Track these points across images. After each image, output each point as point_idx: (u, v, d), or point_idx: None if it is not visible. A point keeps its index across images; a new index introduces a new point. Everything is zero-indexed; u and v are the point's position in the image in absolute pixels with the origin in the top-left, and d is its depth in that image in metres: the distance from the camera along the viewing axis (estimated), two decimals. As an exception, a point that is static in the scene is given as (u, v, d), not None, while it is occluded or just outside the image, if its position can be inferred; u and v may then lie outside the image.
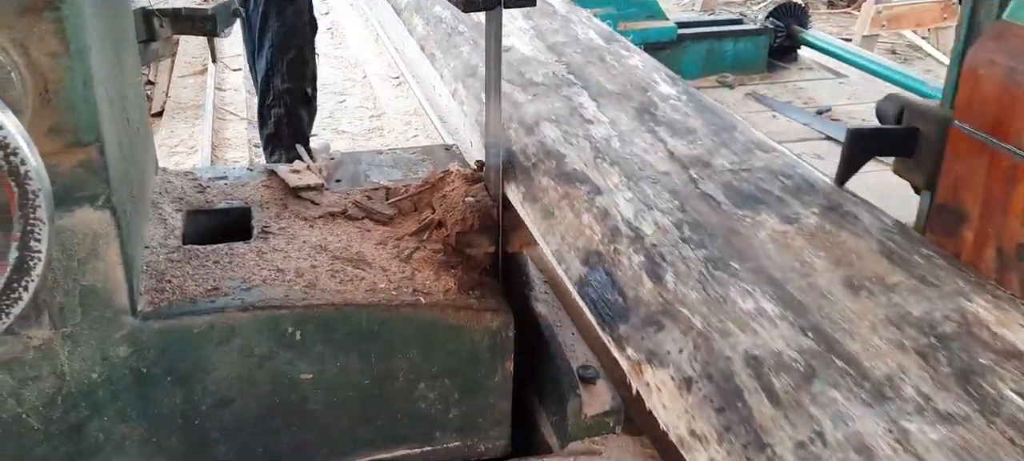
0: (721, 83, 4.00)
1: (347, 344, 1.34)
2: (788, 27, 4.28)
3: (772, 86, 4.00)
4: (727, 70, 4.11)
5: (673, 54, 3.65)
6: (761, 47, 4.22)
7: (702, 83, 3.88)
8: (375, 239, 1.53)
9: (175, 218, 1.51)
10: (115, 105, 1.21)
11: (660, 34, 3.72)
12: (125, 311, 1.21)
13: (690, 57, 3.88)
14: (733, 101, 3.88)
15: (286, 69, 3.15)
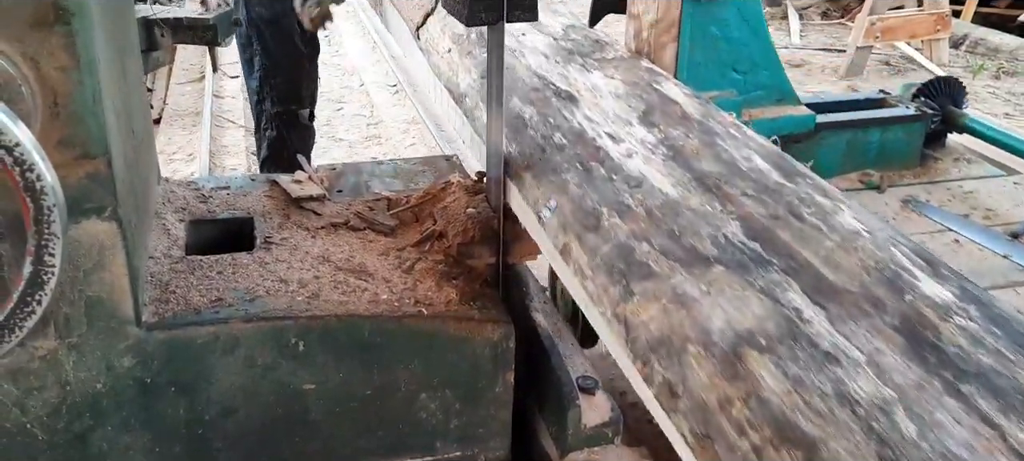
0: (865, 182, 3.21)
1: (349, 355, 1.35)
2: (943, 109, 3.42)
3: (930, 187, 3.18)
4: (871, 165, 3.27)
5: (807, 147, 2.91)
6: (914, 136, 3.35)
7: (842, 182, 3.14)
8: (377, 250, 1.54)
9: (178, 228, 1.52)
10: (121, 117, 1.22)
11: (794, 124, 2.82)
12: (130, 321, 1.22)
13: (828, 150, 3.07)
14: (888, 211, 3.14)
15: (275, 93, 3.13)
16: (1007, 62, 5.94)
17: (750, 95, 2.42)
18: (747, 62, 2.24)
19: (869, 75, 5.68)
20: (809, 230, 1.16)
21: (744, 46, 2.15)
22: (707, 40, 2.07)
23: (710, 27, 2.03)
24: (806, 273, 1.06)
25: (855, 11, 6.23)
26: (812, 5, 7.45)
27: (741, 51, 2.18)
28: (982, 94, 5.42)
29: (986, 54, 6.09)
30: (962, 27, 6.30)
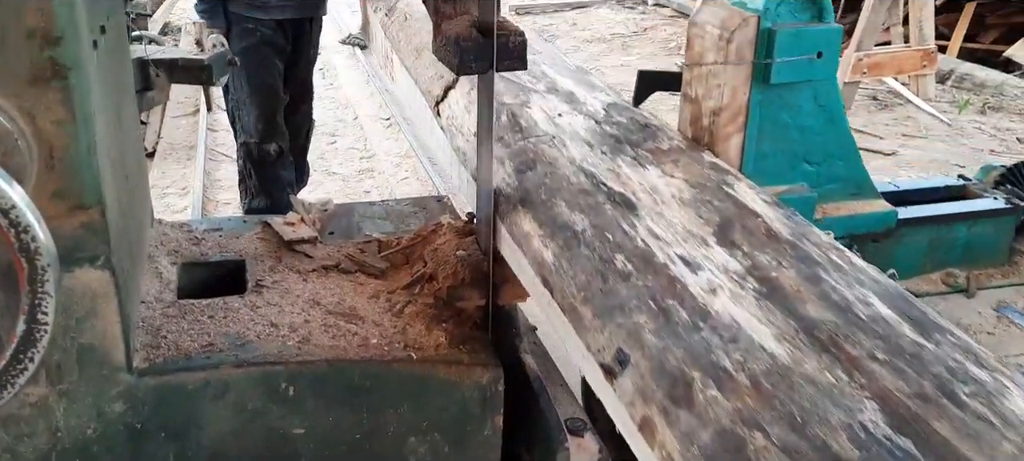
0: (950, 285, 2.88)
1: (339, 399, 1.36)
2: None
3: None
4: (956, 263, 2.93)
5: (886, 246, 2.54)
6: (1003, 231, 2.95)
7: (923, 283, 2.83)
8: (368, 293, 1.56)
9: (170, 271, 1.54)
10: (116, 165, 1.24)
11: (874, 222, 2.40)
12: (121, 368, 1.23)
13: (909, 248, 2.68)
14: (983, 321, 2.79)
15: (240, 123, 3.32)
16: (992, 97, 6.02)
17: (823, 189, 2.06)
18: (821, 152, 1.93)
19: (857, 110, 5.75)
20: (973, 421, 0.86)
21: (818, 135, 1.86)
22: (777, 129, 1.79)
23: (781, 114, 1.77)
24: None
25: (843, 47, 6.30)
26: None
27: (814, 140, 1.89)
28: (969, 129, 5.49)
29: (972, 89, 6.17)
30: (948, 63, 6.39)
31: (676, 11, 8.77)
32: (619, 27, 8.37)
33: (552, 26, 8.50)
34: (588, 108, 1.80)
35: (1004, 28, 6.78)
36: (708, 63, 1.59)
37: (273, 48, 3.26)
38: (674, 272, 1.17)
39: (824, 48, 1.72)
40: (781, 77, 1.71)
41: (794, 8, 1.84)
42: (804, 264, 1.19)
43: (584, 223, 1.32)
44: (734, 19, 1.60)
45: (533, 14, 8.95)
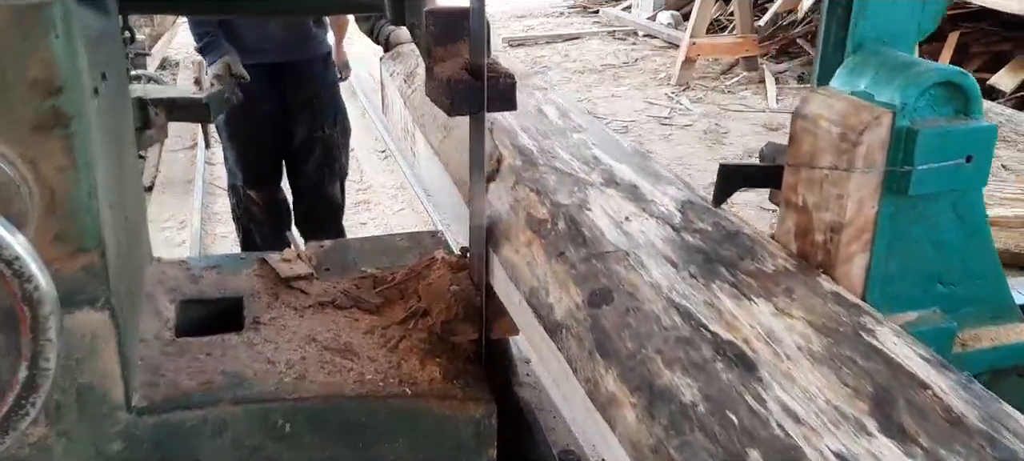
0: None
1: (335, 435, 1.38)
2: None
3: None
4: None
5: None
6: None
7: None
8: (363, 328, 1.58)
9: (169, 309, 1.56)
10: (116, 208, 1.27)
11: None
12: (120, 407, 1.25)
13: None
14: None
15: (228, 162, 3.42)
16: (980, 124, 6.09)
17: (959, 313, 1.61)
18: (959, 271, 1.56)
19: (847, 138, 5.81)
20: None
21: (957, 250, 1.51)
22: (909, 245, 1.44)
23: (914, 228, 1.42)
24: None
25: (832, 75, 6.39)
26: (788, 70, 7.64)
27: (952, 257, 1.53)
28: (957, 156, 5.55)
29: (960, 116, 6.25)
30: (935, 90, 6.47)
31: (666, 42, 8.88)
32: (610, 58, 8.47)
33: (545, 57, 8.59)
34: (660, 208, 1.43)
35: (987, 56, 6.89)
36: (825, 168, 1.28)
37: (255, 95, 3.19)
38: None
39: (975, 150, 1.34)
40: (922, 187, 1.34)
41: (936, 100, 1.40)
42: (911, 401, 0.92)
43: (692, 392, 0.98)
44: (862, 116, 1.25)
45: (526, 46, 9.06)
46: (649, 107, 6.79)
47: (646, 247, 1.32)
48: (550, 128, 1.77)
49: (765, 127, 6.17)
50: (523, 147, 1.65)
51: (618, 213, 1.40)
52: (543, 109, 1.91)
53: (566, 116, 1.88)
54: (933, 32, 1.61)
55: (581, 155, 1.62)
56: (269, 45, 3.28)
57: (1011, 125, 5.97)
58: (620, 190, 1.48)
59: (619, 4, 10.85)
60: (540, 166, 1.56)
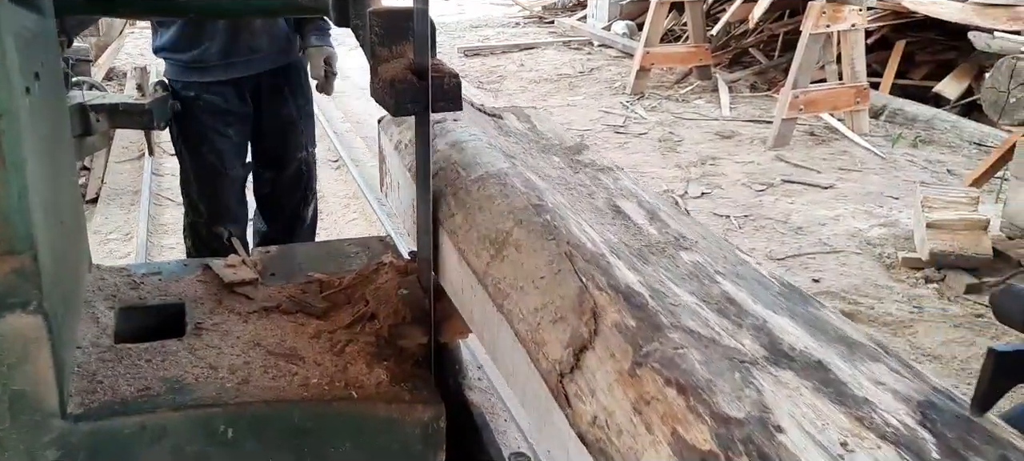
0: None
1: (280, 440, 1.36)
2: None
3: None
4: None
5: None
6: None
7: None
8: (309, 333, 1.56)
9: (108, 316, 1.52)
10: (49, 211, 1.23)
11: None
12: (55, 414, 1.21)
13: None
14: None
15: (183, 195, 3.03)
16: (924, 131, 6.26)
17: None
18: None
19: (795, 145, 5.93)
20: None
21: None
22: None
23: None
24: None
25: (780, 84, 6.52)
26: (741, 78, 7.77)
27: None
28: (901, 162, 5.69)
29: (904, 123, 6.41)
30: (881, 98, 6.64)
31: (621, 51, 8.97)
32: (566, 68, 8.53)
33: (500, 67, 8.62)
34: (885, 415, 0.81)
35: (933, 65, 7.08)
36: None
37: (220, 117, 2.84)
38: None
39: None
40: None
41: None
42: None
43: None
44: None
45: (482, 56, 9.08)
46: (604, 116, 6.85)
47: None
48: (646, 243, 1.16)
49: (718, 135, 6.26)
50: (627, 288, 1.00)
51: (823, 431, 0.78)
52: (621, 207, 1.31)
53: (656, 217, 1.27)
54: (881, 41, 1.71)
55: (710, 296, 1.02)
56: (244, 54, 2.81)
57: (956, 131, 6.14)
58: (802, 372, 0.87)
59: (574, 14, 10.93)
60: (664, 327, 0.92)
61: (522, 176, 1.36)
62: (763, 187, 5.21)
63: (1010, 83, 3.62)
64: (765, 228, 4.62)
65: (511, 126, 1.78)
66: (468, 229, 1.30)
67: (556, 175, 1.43)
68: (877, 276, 4.07)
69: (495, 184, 1.35)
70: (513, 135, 1.70)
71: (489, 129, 1.67)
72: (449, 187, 1.45)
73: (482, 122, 1.74)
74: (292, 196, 3.10)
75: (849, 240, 4.46)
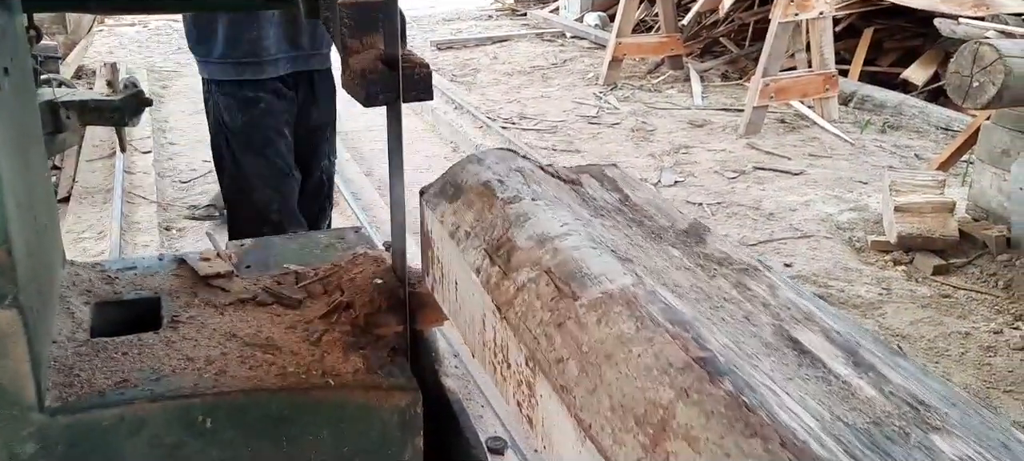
0: None
1: (258, 429, 1.37)
2: None
3: None
4: None
5: None
6: None
7: None
8: (285, 323, 1.58)
9: (83, 311, 1.53)
10: (23, 206, 1.24)
11: None
12: (32, 408, 1.22)
13: None
14: None
15: (240, 213, 2.79)
16: (892, 117, 6.35)
17: None
18: None
19: (766, 132, 6.00)
20: None
21: None
22: None
23: None
24: None
25: (751, 73, 6.59)
26: (712, 68, 7.84)
27: None
28: (870, 148, 5.78)
29: (872, 110, 6.51)
30: (849, 85, 6.73)
31: (594, 43, 9.00)
32: (539, 60, 8.55)
33: (473, 60, 8.62)
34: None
35: (900, 51, 7.18)
36: None
37: (280, 117, 2.72)
38: None
39: None
40: None
41: None
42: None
43: None
44: None
45: (455, 49, 9.07)
46: (578, 107, 6.88)
47: None
48: (871, 415, 0.79)
49: (690, 124, 6.32)
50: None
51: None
52: (802, 342, 0.92)
53: (859, 359, 0.90)
54: (849, 29, 1.68)
55: None
56: (293, 50, 2.67)
57: (923, 116, 6.24)
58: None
59: (547, 6, 10.95)
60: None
61: (658, 298, 0.93)
62: (735, 174, 5.27)
63: (973, 67, 3.69)
64: (737, 215, 4.68)
65: (598, 198, 1.32)
66: (592, 390, 0.87)
67: (688, 284, 1.02)
68: (847, 259, 4.14)
69: (624, 315, 0.91)
70: (606, 213, 1.26)
71: (576, 207, 1.25)
72: (549, 313, 0.99)
73: (559, 193, 1.30)
74: (311, 206, 2.97)
75: (819, 225, 4.53)
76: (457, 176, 1.40)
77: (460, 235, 1.26)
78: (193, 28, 2.65)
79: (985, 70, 3.65)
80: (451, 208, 1.32)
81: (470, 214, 1.26)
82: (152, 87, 6.74)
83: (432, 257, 1.44)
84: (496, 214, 1.22)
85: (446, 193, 1.37)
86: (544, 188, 1.30)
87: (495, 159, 1.41)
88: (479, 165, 1.39)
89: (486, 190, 1.29)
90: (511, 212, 1.20)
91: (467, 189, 1.33)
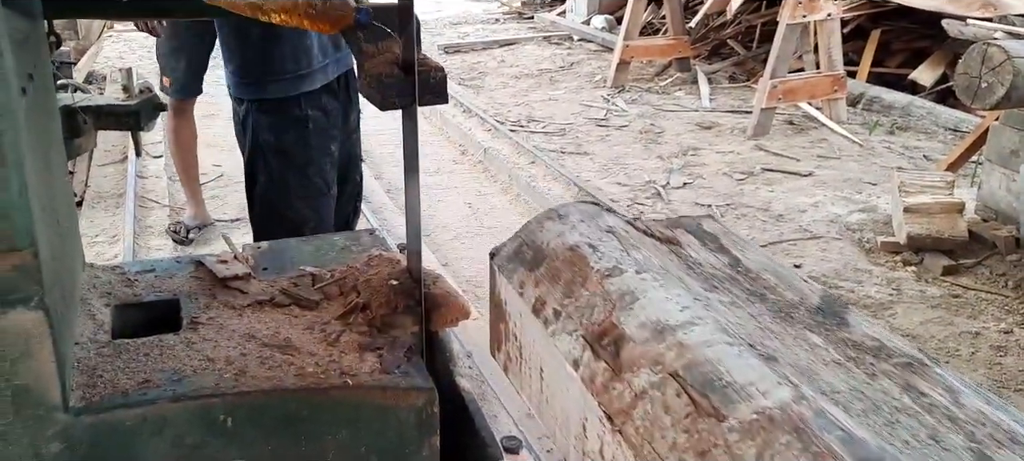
0: None
1: (277, 428, 1.39)
2: None
3: None
4: None
5: None
6: None
7: None
8: (302, 324, 1.59)
9: (104, 313, 1.55)
10: (47, 209, 1.26)
11: None
12: (57, 408, 1.24)
13: None
14: None
15: (271, 222, 2.68)
16: (900, 118, 6.35)
17: None
18: None
19: (774, 134, 6.00)
20: None
21: None
22: None
23: None
24: None
25: (759, 75, 6.59)
26: (720, 70, 7.84)
27: None
28: (879, 149, 5.77)
29: (881, 111, 6.50)
30: (858, 87, 6.73)
31: (601, 45, 9.01)
32: (546, 63, 8.56)
33: (481, 63, 8.64)
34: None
35: (908, 53, 7.18)
36: None
37: (327, 133, 2.61)
38: None
39: None
40: None
41: None
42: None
43: None
44: None
45: (462, 52, 9.09)
46: (586, 110, 6.89)
47: None
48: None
49: (699, 126, 6.32)
50: None
51: None
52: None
53: None
54: (857, 30, 1.67)
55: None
56: (331, 53, 2.56)
57: (932, 117, 6.24)
58: None
59: (554, 9, 10.97)
60: None
61: (830, 421, 0.75)
62: (744, 176, 5.27)
63: (982, 68, 3.69)
64: (747, 216, 4.68)
65: (703, 262, 1.12)
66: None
67: (846, 387, 0.84)
68: (857, 260, 4.15)
69: (796, 449, 0.72)
70: (720, 283, 1.06)
71: (687, 279, 1.06)
72: (685, 434, 0.77)
73: (661, 257, 1.09)
74: (341, 215, 2.87)
75: (829, 226, 4.53)
76: (535, 236, 1.20)
77: (547, 314, 1.05)
78: (225, 45, 2.54)
79: (994, 71, 3.65)
80: (532, 277, 1.13)
81: (558, 288, 1.06)
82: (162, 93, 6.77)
83: (506, 331, 1.25)
84: (594, 291, 1.00)
85: (523, 257, 1.17)
86: (645, 254, 1.09)
87: (579, 216, 1.20)
88: (562, 224, 1.18)
89: (576, 257, 1.08)
90: (612, 289, 0.99)
91: (550, 254, 1.13)
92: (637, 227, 1.17)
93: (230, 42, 2.55)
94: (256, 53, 2.48)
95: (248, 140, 2.61)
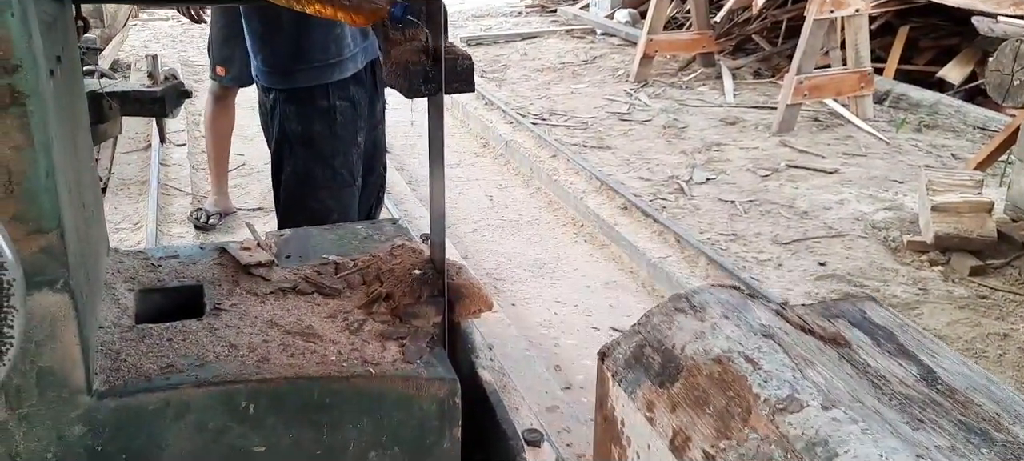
0: None
1: (299, 416, 1.39)
2: None
3: None
4: None
5: None
6: None
7: None
8: (325, 313, 1.59)
9: (128, 297, 1.55)
10: (73, 191, 1.26)
11: None
12: (81, 391, 1.24)
13: None
14: None
15: (299, 215, 2.60)
16: (927, 116, 6.26)
17: None
18: None
19: (799, 131, 5.93)
20: None
21: None
22: None
23: None
24: None
25: (784, 70, 6.52)
26: (744, 65, 7.77)
27: None
28: (906, 147, 5.70)
29: (908, 109, 6.41)
30: (885, 84, 6.64)
31: (624, 39, 8.96)
32: (569, 56, 8.52)
33: (503, 56, 8.62)
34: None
35: (936, 50, 7.07)
36: None
37: (355, 124, 2.58)
38: None
39: None
40: None
41: None
42: None
43: None
44: None
45: (484, 45, 9.07)
46: (609, 104, 6.85)
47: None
48: None
49: (722, 121, 6.26)
50: None
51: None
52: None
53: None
54: (885, 27, 1.64)
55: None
56: (361, 40, 2.51)
57: (960, 116, 6.14)
58: None
59: (577, 3, 10.92)
60: None
61: None
62: (768, 172, 5.22)
63: (1014, 66, 3.62)
64: (770, 213, 4.64)
65: (886, 374, 0.86)
66: None
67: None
68: (883, 259, 4.09)
69: None
70: (916, 406, 0.81)
71: (884, 408, 0.80)
72: None
73: (830, 367, 0.85)
74: (364, 206, 2.83)
75: (854, 224, 4.47)
76: (663, 336, 0.92)
77: (694, 457, 0.79)
78: (253, 34, 2.51)
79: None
80: (664, 397, 0.86)
81: (706, 420, 0.80)
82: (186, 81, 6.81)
83: (621, 452, 0.96)
84: (765, 434, 0.74)
85: (649, 365, 0.90)
86: (825, 375, 0.82)
87: (721, 309, 0.93)
88: (698, 320, 0.91)
89: (728, 374, 0.82)
90: (793, 433, 0.73)
91: (689, 367, 0.86)
92: (791, 320, 0.93)
93: (261, 31, 2.54)
94: (288, 42, 2.46)
95: (275, 130, 2.61)
